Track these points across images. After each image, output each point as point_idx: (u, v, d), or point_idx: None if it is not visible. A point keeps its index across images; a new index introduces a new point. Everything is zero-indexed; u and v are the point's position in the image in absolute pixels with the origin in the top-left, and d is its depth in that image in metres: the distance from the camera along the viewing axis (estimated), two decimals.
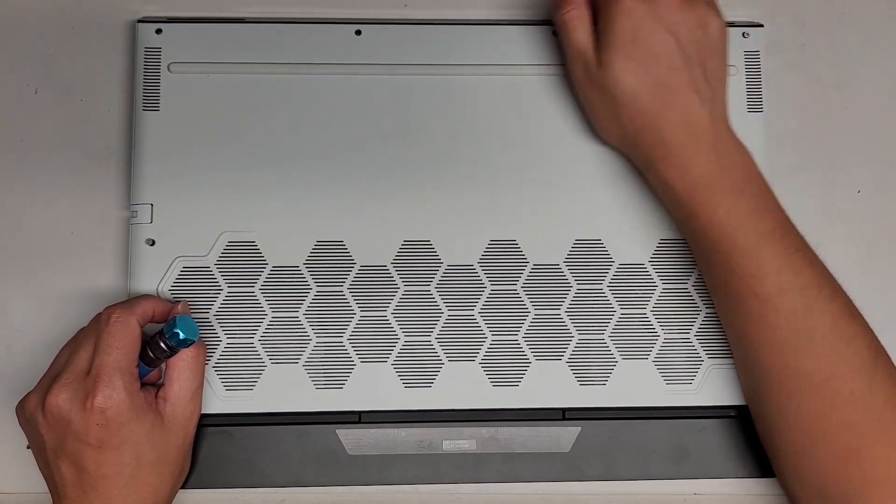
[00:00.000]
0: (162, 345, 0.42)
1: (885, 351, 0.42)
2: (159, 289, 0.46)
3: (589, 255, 0.47)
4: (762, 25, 0.50)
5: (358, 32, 0.48)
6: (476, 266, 0.47)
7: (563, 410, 0.46)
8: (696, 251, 0.44)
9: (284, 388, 0.46)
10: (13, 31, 0.50)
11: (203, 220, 0.47)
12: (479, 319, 0.47)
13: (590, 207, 0.48)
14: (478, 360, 0.46)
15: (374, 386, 0.46)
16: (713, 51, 0.44)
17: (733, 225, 0.41)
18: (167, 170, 0.47)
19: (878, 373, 0.41)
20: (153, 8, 0.50)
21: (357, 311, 0.46)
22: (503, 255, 0.47)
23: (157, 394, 0.43)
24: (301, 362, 0.46)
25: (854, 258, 0.51)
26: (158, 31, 0.48)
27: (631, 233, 0.48)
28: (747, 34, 0.50)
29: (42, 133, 0.49)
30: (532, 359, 0.46)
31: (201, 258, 0.46)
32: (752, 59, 0.49)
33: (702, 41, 0.43)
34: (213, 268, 0.46)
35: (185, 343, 0.42)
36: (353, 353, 0.46)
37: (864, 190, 0.51)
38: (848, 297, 0.43)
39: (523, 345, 0.47)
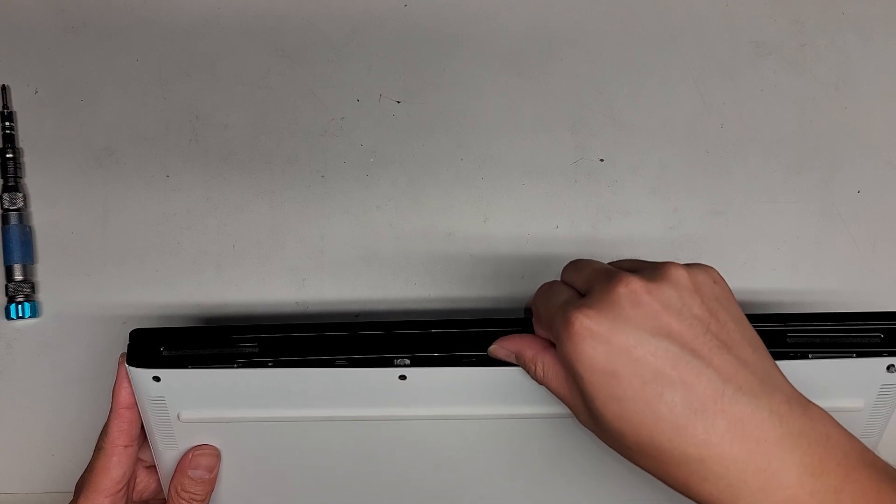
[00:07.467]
0: None
1: None
2: None
3: None
4: None
5: (402, 378, 0.39)
6: None
7: None
8: None
9: None
10: (13, 31, 0.50)
11: None
12: None
13: None
14: None
15: None
16: None
17: None
18: None
19: None
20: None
21: None
22: None
23: None
24: None
25: (854, 258, 0.51)
26: (156, 379, 0.39)
27: None
28: (893, 368, 0.39)
29: (42, 133, 0.50)
30: None
31: None
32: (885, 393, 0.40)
33: None
34: None
35: None
36: None
37: (863, 190, 0.51)
38: None
39: None
